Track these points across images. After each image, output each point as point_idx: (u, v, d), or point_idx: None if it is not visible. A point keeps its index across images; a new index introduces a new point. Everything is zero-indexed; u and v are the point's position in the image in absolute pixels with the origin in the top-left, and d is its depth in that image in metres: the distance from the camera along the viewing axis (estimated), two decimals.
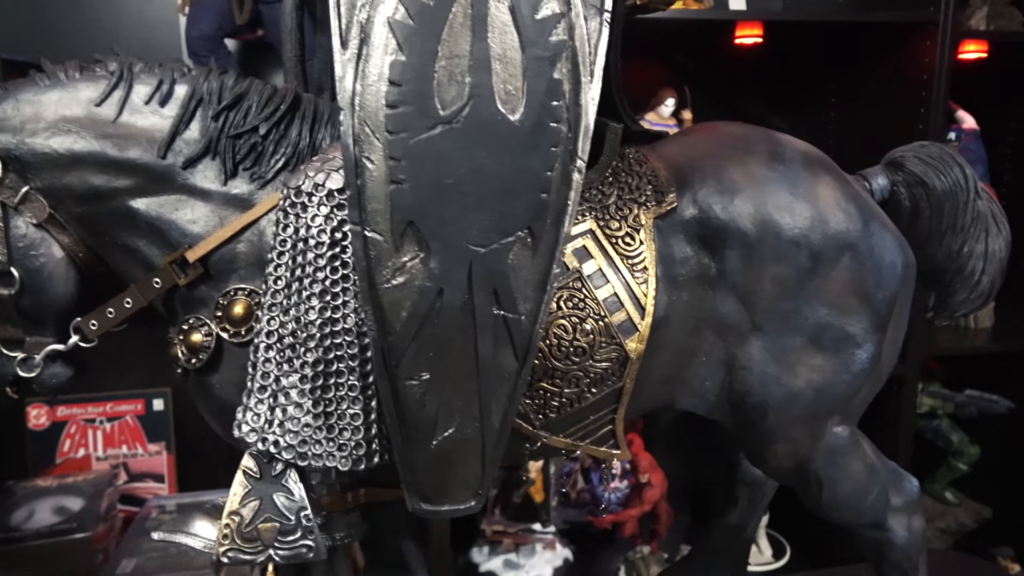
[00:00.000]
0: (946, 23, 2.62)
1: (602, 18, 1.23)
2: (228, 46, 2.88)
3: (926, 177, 1.61)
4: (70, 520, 2.46)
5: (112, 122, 1.40)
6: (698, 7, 2.86)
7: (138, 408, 2.90)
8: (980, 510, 3.10)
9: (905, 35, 2.72)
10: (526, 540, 2.94)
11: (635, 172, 1.50)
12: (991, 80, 3.12)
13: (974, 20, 3.02)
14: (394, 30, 1.15)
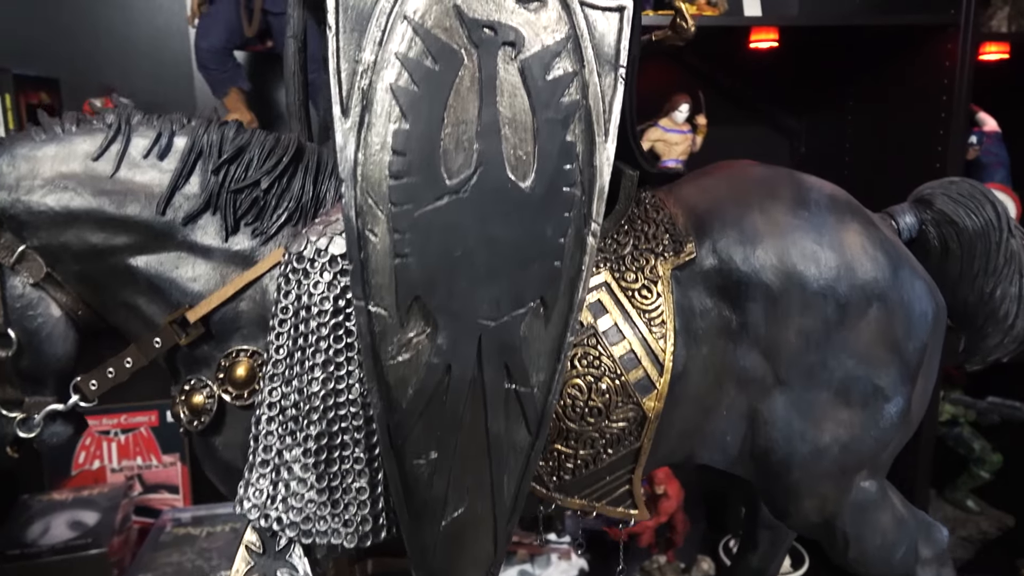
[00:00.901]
0: (967, 25, 2.50)
1: (617, 74, 1.13)
2: (237, 58, 2.78)
3: (956, 216, 1.51)
4: (85, 535, 2.41)
5: (110, 177, 1.32)
6: (712, 12, 2.74)
7: (152, 419, 2.84)
8: (1003, 518, 3.01)
9: (925, 37, 2.60)
10: (541, 550, 2.87)
11: (652, 219, 1.40)
12: (1013, 81, 2.98)
13: (995, 21, 2.89)
14: (397, 97, 1.06)
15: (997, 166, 2.95)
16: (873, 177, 2.91)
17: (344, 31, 1.05)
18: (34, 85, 2.75)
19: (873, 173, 2.91)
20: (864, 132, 2.96)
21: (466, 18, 1.07)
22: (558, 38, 1.10)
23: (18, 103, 2.67)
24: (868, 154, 2.95)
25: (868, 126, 2.94)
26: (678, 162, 2.98)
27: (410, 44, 1.06)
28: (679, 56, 3.04)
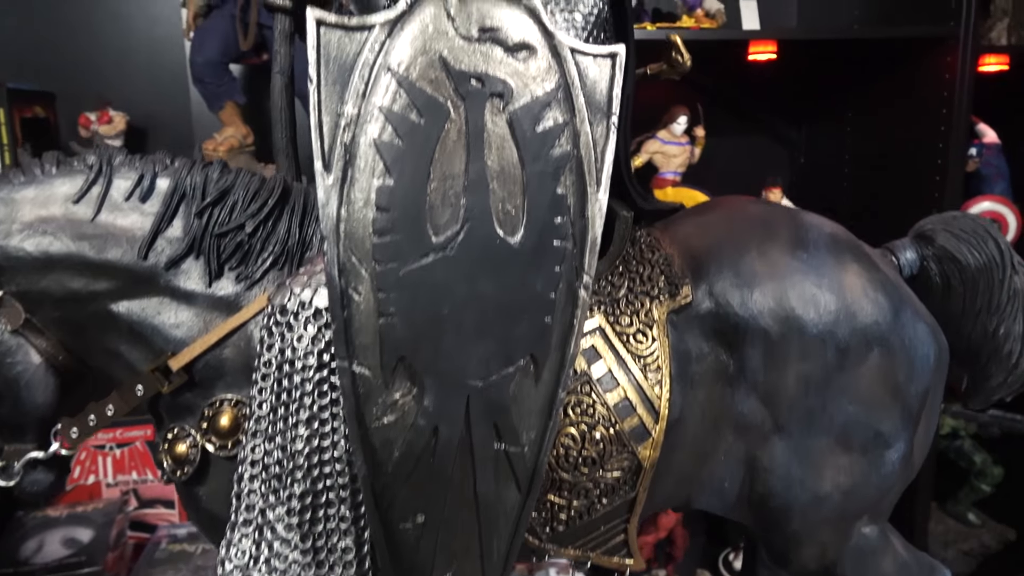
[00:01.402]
0: (967, 37, 2.44)
1: (609, 121, 1.08)
2: (233, 71, 2.73)
3: (958, 253, 1.45)
4: (79, 553, 2.37)
5: (90, 221, 1.26)
6: (711, 24, 2.68)
7: (147, 434, 2.79)
8: (1004, 532, 2.95)
9: (924, 49, 2.55)
10: (540, 566, 2.83)
11: (647, 260, 1.35)
12: (1013, 92, 2.92)
13: (995, 32, 2.83)
14: (381, 152, 1.00)
15: (997, 178, 2.89)
16: (873, 188, 2.85)
17: (326, 83, 0.99)
18: (29, 99, 2.70)
19: (873, 184, 2.86)
20: (864, 143, 2.90)
21: (452, 70, 1.01)
22: (548, 88, 1.04)
23: (12, 117, 2.61)
24: (868, 165, 2.89)
25: (868, 137, 2.88)
26: (676, 174, 2.93)
27: (394, 97, 1.00)
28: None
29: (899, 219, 2.67)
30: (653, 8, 2.95)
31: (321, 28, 0.98)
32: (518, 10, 1.03)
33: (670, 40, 1.43)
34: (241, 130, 2.78)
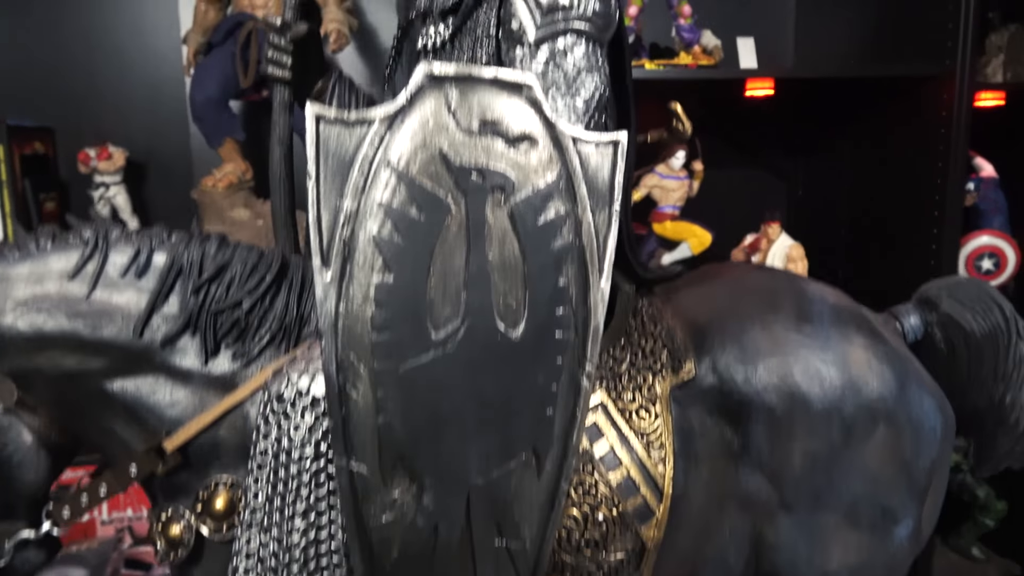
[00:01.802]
0: (963, 75, 2.42)
1: (611, 209, 1.04)
2: (233, 108, 2.69)
3: (963, 320, 1.42)
4: None
5: (85, 298, 1.23)
6: (708, 61, 2.65)
7: None
8: (1009, 567, 2.92)
9: (921, 85, 2.53)
10: None
11: (649, 333, 1.31)
12: (1009, 126, 2.89)
13: (990, 68, 2.81)
14: (381, 248, 0.97)
15: (995, 212, 2.86)
16: (871, 223, 2.82)
17: (325, 178, 0.96)
18: (28, 135, 2.67)
19: (871, 219, 2.83)
20: (862, 177, 2.88)
21: (453, 165, 0.97)
22: (550, 179, 1.00)
23: (11, 154, 2.58)
24: (866, 199, 2.86)
25: (865, 171, 2.86)
26: (675, 208, 2.89)
27: (394, 192, 0.97)
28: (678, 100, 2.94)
29: (898, 253, 2.66)
30: (651, 44, 2.92)
31: (320, 123, 0.95)
32: (519, 100, 0.99)
33: (670, 108, 1.40)
34: (240, 166, 2.74)
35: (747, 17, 2.96)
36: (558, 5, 1.16)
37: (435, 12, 1.30)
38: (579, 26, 1.16)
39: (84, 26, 2.75)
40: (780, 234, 2.77)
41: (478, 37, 1.24)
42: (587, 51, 1.17)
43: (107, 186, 2.73)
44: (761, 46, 2.68)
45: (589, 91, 1.16)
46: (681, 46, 2.67)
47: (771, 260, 2.75)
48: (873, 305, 2.77)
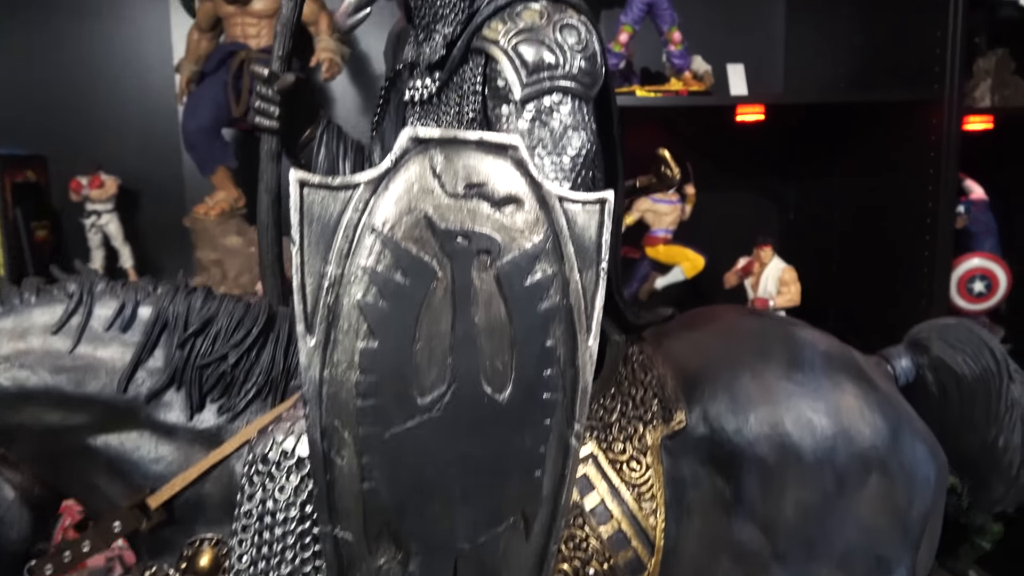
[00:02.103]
0: (952, 99, 2.41)
1: (598, 268, 1.02)
2: (225, 136, 2.68)
3: (954, 363, 1.40)
4: None
5: (69, 353, 1.20)
6: (699, 87, 2.64)
7: None
8: None
9: (910, 109, 2.52)
10: None
11: (640, 382, 1.29)
12: (998, 148, 2.88)
13: (978, 92, 2.79)
14: (365, 314, 0.95)
15: (986, 235, 2.85)
16: (863, 245, 2.81)
17: (309, 244, 0.94)
18: (20, 163, 2.65)
19: (863, 241, 2.81)
20: (853, 200, 2.87)
21: (438, 229, 0.95)
22: (536, 240, 0.98)
23: (3, 182, 2.56)
24: (857, 222, 2.85)
25: (857, 194, 2.85)
26: (667, 232, 2.88)
27: (379, 257, 0.95)
28: (669, 124, 2.94)
29: (890, 276, 2.64)
30: (642, 69, 2.91)
31: (304, 188, 0.93)
32: (505, 161, 0.97)
33: (659, 155, 1.38)
34: (232, 193, 2.72)
35: (737, 43, 2.95)
36: (544, 64, 1.14)
37: (422, 65, 1.28)
38: (565, 84, 1.14)
39: (78, 55, 2.73)
40: (772, 257, 2.75)
41: (464, 93, 1.22)
42: (573, 108, 1.15)
43: (99, 214, 2.71)
44: (751, 72, 2.66)
45: (576, 148, 1.14)
46: (672, 72, 2.66)
47: (764, 283, 2.73)
48: (866, 328, 2.77)
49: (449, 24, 1.25)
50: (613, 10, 2.90)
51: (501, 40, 1.15)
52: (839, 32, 2.82)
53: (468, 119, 1.22)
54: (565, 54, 1.14)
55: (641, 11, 2.55)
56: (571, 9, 1.19)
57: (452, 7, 1.24)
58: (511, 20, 1.16)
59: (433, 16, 1.25)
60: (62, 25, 2.71)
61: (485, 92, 1.20)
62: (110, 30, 2.73)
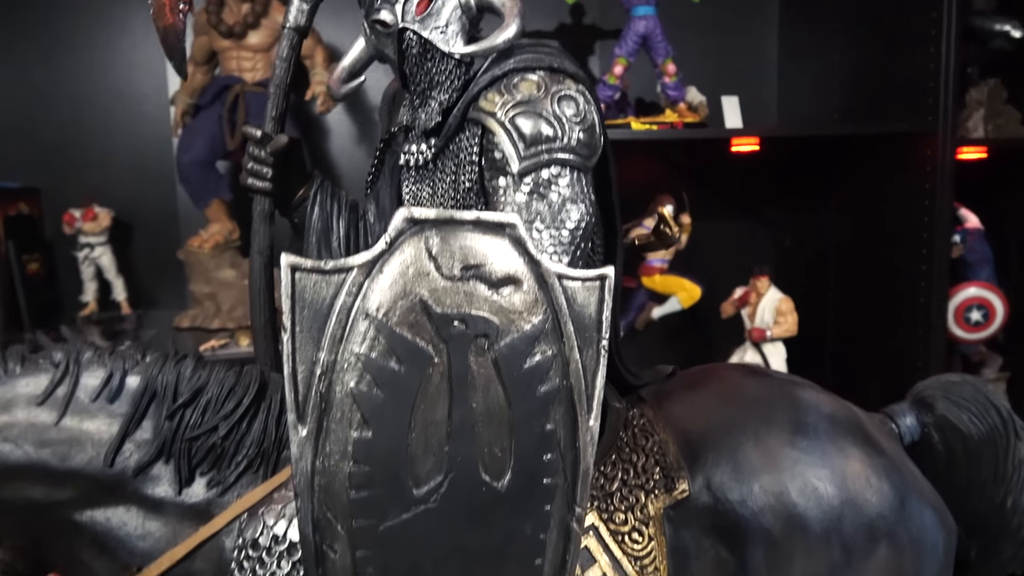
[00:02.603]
0: (946, 131, 2.38)
1: (599, 346, 0.98)
2: (220, 168, 2.64)
3: (960, 423, 1.35)
4: None
5: (55, 425, 1.15)
6: (694, 118, 2.60)
7: None
8: None
9: (905, 140, 2.49)
10: None
11: (641, 448, 1.25)
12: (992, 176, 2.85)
13: (971, 122, 2.77)
14: (359, 403, 0.90)
15: (983, 264, 2.81)
16: (859, 273, 2.77)
17: (300, 330, 0.89)
18: (13, 196, 2.60)
19: (859, 270, 2.78)
20: (849, 229, 2.83)
21: (434, 313, 0.91)
22: (535, 321, 0.94)
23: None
24: (853, 251, 2.81)
25: (852, 222, 2.81)
26: (663, 262, 2.84)
27: (372, 344, 0.90)
28: (665, 153, 2.91)
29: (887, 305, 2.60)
30: (636, 99, 2.87)
31: (296, 273, 0.88)
32: (502, 240, 0.93)
33: (659, 213, 1.34)
34: (227, 226, 2.68)
35: (730, 75, 2.93)
36: (541, 136, 1.10)
37: (417, 130, 1.24)
38: (563, 156, 1.10)
39: (73, 87, 2.70)
40: (769, 287, 2.72)
41: (461, 162, 1.18)
42: (572, 180, 1.11)
43: (92, 246, 2.67)
44: (745, 103, 2.63)
45: (574, 221, 1.10)
46: (667, 103, 2.62)
47: (761, 314, 2.70)
48: (864, 359, 2.73)
49: (445, 91, 1.21)
50: (607, 42, 2.87)
51: (498, 112, 1.11)
52: (832, 64, 2.79)
53: (465, 188, 1.18)
54: (563, 126, 1.10)
55: (635, 44, 2.52)
56: (569, 79, 1.15)
57: (448, 74, 1.20)
58: (508, 92, 1.12)
59: (429, 83, 1.21)
60: (58, 57, 2.67)
61: (482, 163, 1.16)
62: (105, 62, 2.70)
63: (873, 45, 2.63)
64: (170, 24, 1.25)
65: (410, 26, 1.18)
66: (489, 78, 1.15)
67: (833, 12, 2.76)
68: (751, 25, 3.00)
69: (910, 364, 2.55)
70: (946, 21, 2.34)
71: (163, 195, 2.76)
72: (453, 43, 1.19)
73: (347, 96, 1.33)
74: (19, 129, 2.67)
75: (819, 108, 2.83)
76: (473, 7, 1.19)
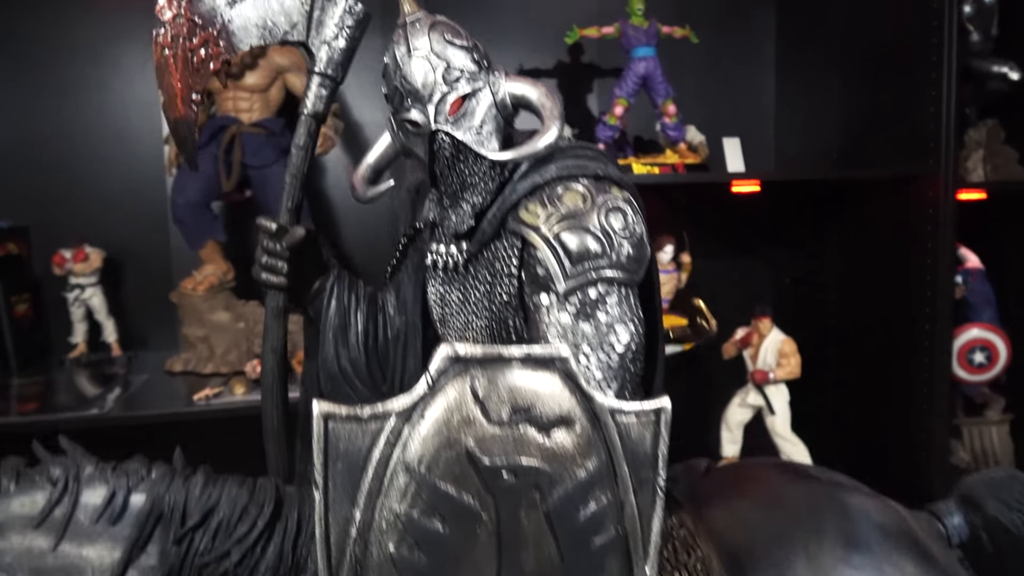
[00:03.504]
0: (947, 174, 2.31)
1: (656, 486, 0.87)
2: (214, 209, 2.51)
3: (1011, 524, 1.27)
4: None
5: (52, 551, 1.03)
6: (694, 159, 2.51)
7: None
8: None
9: (905, 183, 2.42)
10: None
11: (683, 566, 1.15)
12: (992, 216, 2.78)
13: (970, 162, 2.71)
14: (399, 568, 0.79)
15: (984, 305, 2.74)
16: (861, 314, 2.70)
17: (334, 485, 0.79)
18: (2, 236, 2.47)
19: (861, 310, 2.70)
20: (850, 268, 2.76)
21: (481, 465, 0.80)
22: (590, 467, 0.84)
23: None
24: (855, 290, 2.74)
25: (853, 263, 2.74)
26: (665, 301, 2.74)
27: (414, 501, 0.80)
28: (664, 193, 2.82)
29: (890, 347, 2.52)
30: (635, 137, 2.78)
31: (329, 423, 0.77)
32: (552, 376, 0.83)
33: (694, 304, 1.24)
34: (221, 267, 2.56)
35: (729, 115, 2.85)
36: (588, 253, 0.99)
37: (447, 231, 1.13)
38: (611, 274, 1.00)
39: (67, 125, 2.57)
40: (771, 329, 2.63)
41: (497, 272, 1.07)
42: (620, 298, 1.01)
43: (82, 287, 2.54)
44: (744, 144, 2.55)
45: (623, 344, 1.00)
46: (667, 143, 2.53)
47: (763, 355, 2.61)
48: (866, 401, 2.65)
49: (479, 193, 1.10)
50: (606, 80, 2.77)
51: (542, 227, 1.01)
52: (830, 104, 2.72)
53: (501, 301, 1.07)
54: (611, 241, 1.00)
55: (636, 84, 2.43)
56: (615, 187, 1.05)
57: (482, 176, 1.09)
58: (551, 203, 1.02)
59: (461, 184, 1.10)
60: (51, 96, 2.54)
61: (521, 275, 1.05)
62: (99, 101, 2.57)
63: (871, 87, 2.56)
64: (181, 116, 1.14)
65: (443, 127, 1.08)
66: (530, 186, 1.05)
67: (830, 54, 2.69)
68: (749, 66, 2.92)
69: (915, 407, 2.48)
70: (946, 64, 2.27)
71: (156, 235, 2.64)
72: (488, 144, 1.08)
73: (373, 199, 1.22)
74: (9, 167, 2.54)
75: (817, 148, 2.75)
76: (509, 105, 1.09)
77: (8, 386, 2.25)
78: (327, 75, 1.18)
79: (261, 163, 2.43)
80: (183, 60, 1.13)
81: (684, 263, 2.72)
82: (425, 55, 1.07)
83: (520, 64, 2.73)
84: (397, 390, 1.25)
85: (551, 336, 0.99)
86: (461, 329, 1.17)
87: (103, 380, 2.35)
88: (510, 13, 2.71)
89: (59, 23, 2.50)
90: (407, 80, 1.08)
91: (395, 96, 1.11)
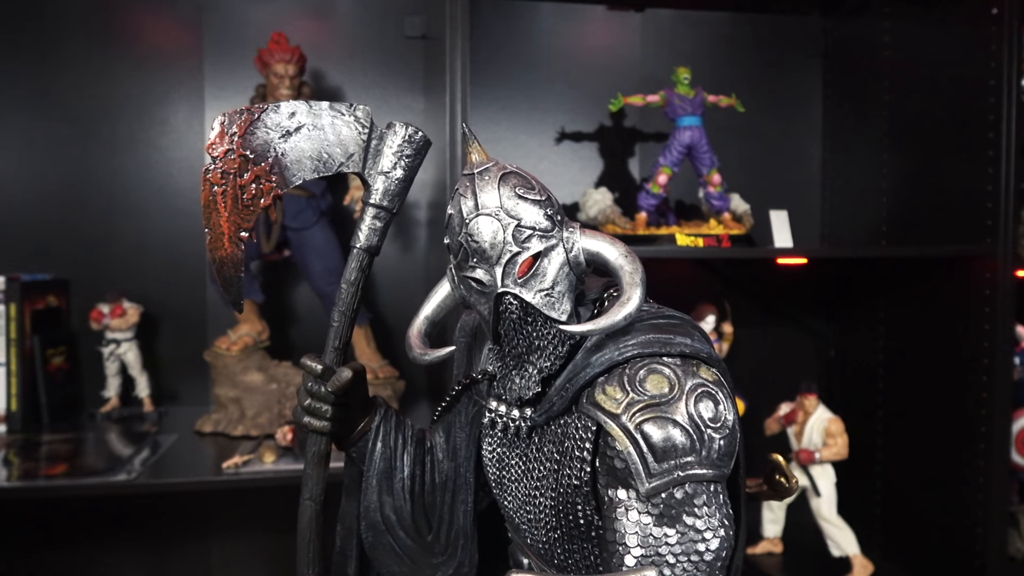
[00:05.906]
0: (1006, 253, 2.13)
1: None
2: (252, 269, 2.42)
3: None
4: None
5: None
6: (739, 230, 2.35)
7: None
8: None
9: (962, 262, 2.23)
10: None
11: None
12: None
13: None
14: None
15: None
16: (912, 392, 2.48)
17: None
18: (42, 289, 2.39)
19: (911, 388, 2.49)
20: (899, 346, 2.54)
21: None
22: None
23: (22, 311, 2.30)
24: (905, 368, 2.52)
25: (903, 341, 2.52)
26: None
27: None
28: (707, 261, 2.66)
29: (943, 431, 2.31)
30: (676, 202, 2.63)
31: None
32: None
33: (773, 461, 1.07)
34: (256, 327, 2.44)
35: (774, 185, 2.70)
36: (676, 448, 0.83)
37: (510, 395, 0.98)
38: (700, 472, 0.84)
39: (109, 181, 2.49)
40: (818, 406, 2.42)
41: (567, 452, 0.92)
42: (709, 498, 0.84)
43: (118, 342, 2.43)
44: (791, 214, 2.39)
45: (713, 551, 0.83)
46: (711, 212, 2.38)
47: (808, 434, 2.40)
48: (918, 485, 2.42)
49: (547, 358, 0.94)
50: (648, 144, 2.64)
51: (622, 416, 0.85)
52: (879, 177, 2.55)
53: (570, 484, 0.92)
54: (701, 434, 0.83)
55: (680, 154, 2.29)
56: (704, 366, 0.89)
57: (551, 339, 0.94)
58: (632, 388, 0.85)
59: (528, 347, 0.95)
60: (97, 152, 2.45)
61: (595, 463, 0.90)
62: (145, 159, 2.49)
63: (923, 160, 2.39)
64: (227, 255, 1.00)
65: (511, 290, 0.93)
66: (607, 363, 0.89)
67: (879, 127, 2.54)
68: (796, 135, 2.78)
69: (969, 494, 2.26)
70: (1004, 141, 2.10)
71: (193, 291, 2.54)
72: (559, 306, 0.93)
73: (432, 362, 1.06)
74: (53, 220, 2.47)
75: (866, 220, 2.57)
76: (583, 262, 0.94)
77: (39, 443, 2.14)
78: (383, 207, 1.04)
79: (300, 225, 2.33)
80: (232, 198, 0.99)
81: (726, 333, 2.54)
82: (494, 212, 0.92)
83: (562, 128, 2.61)
84: (443, 543, 1.10)
85: (630, 541, 0.84)
86: (522, 502, 1.02)
87: (133, 439, 2.23)
88: (553, 77, 2.60)
89: (108, 77, 2.44)
90: (473, 239, 0.93)
91: (459, 251, 0.96)
